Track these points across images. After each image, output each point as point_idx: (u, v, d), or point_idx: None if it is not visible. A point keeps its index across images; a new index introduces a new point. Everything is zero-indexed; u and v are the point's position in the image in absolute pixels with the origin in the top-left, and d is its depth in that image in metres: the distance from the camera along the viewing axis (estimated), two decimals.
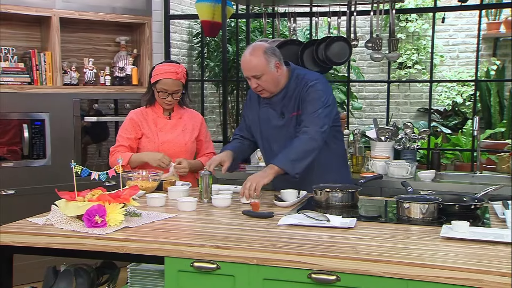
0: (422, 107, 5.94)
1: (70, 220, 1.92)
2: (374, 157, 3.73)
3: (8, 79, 3.63)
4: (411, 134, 3.81)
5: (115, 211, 1.90)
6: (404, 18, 5.72)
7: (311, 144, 2.52)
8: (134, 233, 1.85)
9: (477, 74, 4.05)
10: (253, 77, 2.57)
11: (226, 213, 2.22)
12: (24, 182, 3.66)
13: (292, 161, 2.45)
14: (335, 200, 2.36)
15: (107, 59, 4.25)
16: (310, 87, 2.60)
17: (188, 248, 1.74)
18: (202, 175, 2.42)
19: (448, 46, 5.86)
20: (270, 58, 2.56)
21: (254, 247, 1.71)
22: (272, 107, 2.69)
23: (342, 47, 3.88)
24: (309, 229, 1.94)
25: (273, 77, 2.58)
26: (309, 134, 2.52)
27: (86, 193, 2.00)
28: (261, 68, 2.54)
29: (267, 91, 2.61)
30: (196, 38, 5.37)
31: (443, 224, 1.97)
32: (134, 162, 2.77)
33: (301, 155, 2.48)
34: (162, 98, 2.82)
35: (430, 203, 2.09)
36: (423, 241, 1.79)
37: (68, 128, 3.84)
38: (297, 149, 2.49)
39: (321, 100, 2.58)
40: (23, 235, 1.86)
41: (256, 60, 2.54)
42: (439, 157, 3.86)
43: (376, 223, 2.06)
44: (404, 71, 5.82)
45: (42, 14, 3.74)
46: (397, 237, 1.84)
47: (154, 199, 2.31)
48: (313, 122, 2.54)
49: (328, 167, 2.72)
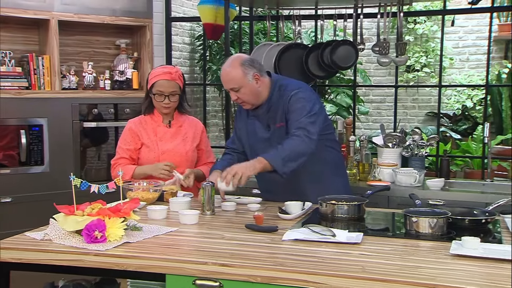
0: (430, 111, 5.94)
1: (69, 235, 1.92)
2: (381, 164, 3.73)
3: (5, 84, 3.64)
4: (419, 140, 3.81)
5: (115, 226, 1.90)
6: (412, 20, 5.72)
7: (303, 147, 2.53)
8: (134, 249, 1.85)
9: (488, 78, 4.04)
10: (231, 89, 2.61)
11: (229, 227, 2.21)
12: (21, 190, 3.67)
13: (283, 159, 2.47)
14: (341, 213, 2.35)
15: (106, 63, 4.26)
16: (292, 97, 2.61)
17: (190, 265, 1.74)
18: (204, 187, 2.42)
19: (458, 48, 5.86)
20: (248, 70, 2.59)
21: (259, 265, 1.71)
22: (258, 119, 2.73)
23: (348, 51, 3.89)
24: (314, 244, 1.94)
25: (251, 89, 2.61)
26: (301, 137, 2.54)
27: (85, 206, 2.00)
28: (238, 81, 2.58)
29: (247, 103, 2.65)
30: (198, 40, 5.38)
31: (453, 239, 1.97)
32: (138, 175, 2.79)
33: (293, 155, 2.50)
34: (159, 101, 2.82)
35: (439, 218, 2.09)
36: (433, 259, 1.78)
37: (67, 134, 3.84)
38: (290, 149, 2.51)
39: (305, 109, 2.59)
40: (21, 251, 1.86)
41: (233, 73, 2.59)
42: (448, 164, 3.85)
43: (384, 238, 2.06)
44: (412, 74, 5.82)
45: (40, 17, 3.74)
46: (406, 254, 1.84)
47: (155, 211, 2.32)
48: (301, 129, 2.55)
49: (317, 176, 2.73)
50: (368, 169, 3.77)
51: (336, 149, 2.89)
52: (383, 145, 3.77)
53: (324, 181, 2.75)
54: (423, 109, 6.00)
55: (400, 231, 2.23)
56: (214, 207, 2.44)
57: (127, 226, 1.97)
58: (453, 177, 4.10)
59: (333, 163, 2.83)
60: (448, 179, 3.74)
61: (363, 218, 2.39)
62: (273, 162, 2.47)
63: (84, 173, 3.94)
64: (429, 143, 3.82)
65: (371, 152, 3.89)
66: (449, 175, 3.85)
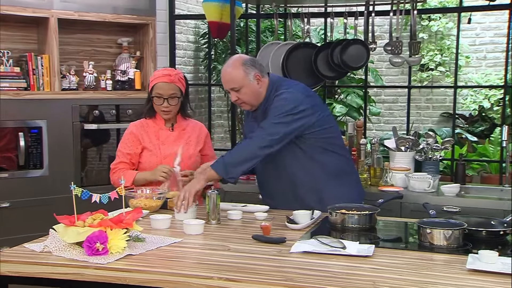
0: (445, 112, 5.91)
1: (69, 246, 1.93)
2: (394, 169, 3.71)
3: (3, 85, 3.65)
4: (434, 143, 3.79)
5: (117, 237, 1.90)
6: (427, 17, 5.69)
7: (251, 149, 2.60)
8: (137, 262, 1.86)
9: (507, 77, 4.01)
10: (231, 89, 2.67)
11: (235, 238, 2.21)
12: (19, 194, 3.68)
13: (226, 165, 2.57)
14: (351, 223, 2.35)
15: (108, 62, 4.26)
16: (276, 97, 2.68)
17: (195, 279, 1.74)
18: (209, 195, 2.42)
19: (474, 45, 5.82)
20: (249, 70, 2.65)
21: (266, 280, 1.71)
22: (256, 121, 2.77)
23: (359, 50, 3.87)
24: (323, 257, 1.94)
25: (252, 90, 2.67)
26: (253, 139, 2.62)
27: (86, 216, 2.01)
28: (239, 81, 2.64)
29: (247, 104, 2.72)
30: (203, 38, 5.38)
31: (469, 252, 1.96)
32: (139, 181, 2.79)
33: (238, 159, 2.59)
34: (158, 104, 2.83)
35: (454, 229, 2.08)
36: (448, 274, 1.77)
37: (67, 136, 3.85)
38: (235, 153, 2.63)
39: (284, 109, 2.62)
40: (19, 264, 1.87)
41: (234, 73, 2.65)
42: (464, 168, 3.83)
43: (396, 251, 2.05)
44: (426, 73, 5.79)
45: (39, 15, 3.75)
46: (419, 268, 1.83)
47: (158, 221, 2.32)
48: (263, 128, 2.62)
49: (313, 182, 2.73)
50: (379, 174, 3.75)
51: (340, 153, 2.83)
52: (396, 148, 3.76)
53: (322, 188, 2.73)
54: (438, 110, 5.98)
55: (413, 243, 2.22)
56: (220, 216, 2.44)
57: (129, 237, 1.97)
58: (469, 182, 4.08)
59: (334, 169, 2.79)
60: (464, 185, 3.72)
61: (375, 228, 2.38)
62: (216, 169, 2.58)
63: (85, 174, 3.95)
64: (443, 147, 3.80)
65: (383, 156, 3.87)
66: (465, 180, 3.82)
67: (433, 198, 3.40)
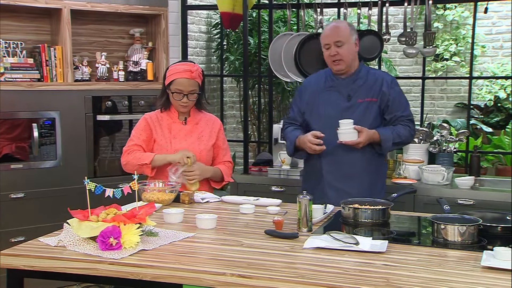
0: (460, 102, 5.85)
1: (83, 241, 1.94)
2: (407, 161, 3.70)
3: (16, 76, 3.67)
4: (448, 136, 3.76)
5: (130, 232, 1.91)
6: (442, 6, 5.61)
7: (409, 137, 3.01)
8: (150, 257, 1.87)
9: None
10: (335, 43, 2.88)
11: (247, 232, 2.22)
12: (33, 185, 3.72)
13: (393, 138, 2.90)
14: (364, 217, 2.34)
15: (120, 53, 4.27)
16: (394, 84, 2.98)
17: (208, 276, 1.75)
18: (300, 200, 2.21)
19: (490, 35, 5.74)
20: (353, 32, 2.94)
21: (278, 276, 1.71)
22: (337, 89, 2.98)
23: (373, 41, 3.85)
24: (336, 253, 1.94)
25: (351, 50, 2.92)
26: (411, 128, 2.98)
27: (100, 211, 2.02)
28: (345, 36, 2.89)
29: (344, 61, 2.91)
30: (215, 28, 5.36)
31: (484, 248, 1.94)
32: (157, 161, 2.79)
33: (398, 140, 2.94)
34: (177, 99, 2.82)
35: (469, 225, 2.06)
36: (462, 271, 1.76)
37: (80, 127, 3.88)
38: (402, 135, 2.94)
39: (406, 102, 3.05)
40: (34, 258, 1.89)
41: (342, 28, 2.93)
42: (478, 160, 3.80)
43: (409, 246, 2.05)
44: (440, 63, 5.73)
45: (52, 6, 3.76)
46: (433, 265, 1.82)
47: (171, 215, 2.33)
48: (411, 121, 2.99)
49: (375, 178, 3.04)
50: (393, 166, 3.74)
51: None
52: None
53: (374, 184, 3.04)
54: (452, 100, 5.91)
55: (427, 239, 2.21)
56: (312, 223, 2.24)
57: (142, 232, 1.99)
58: (484, 174, 4.05)
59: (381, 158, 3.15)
60: (479, 177, 3.70)
61: (388, 223, 2.37)
62: (384, 135, 2.90)
63: (98, 164, 3.98)
64: (458, 138, 3.77)
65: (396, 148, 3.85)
66: (480, 172, 3.80)
67: (447, 191, 3.39)
